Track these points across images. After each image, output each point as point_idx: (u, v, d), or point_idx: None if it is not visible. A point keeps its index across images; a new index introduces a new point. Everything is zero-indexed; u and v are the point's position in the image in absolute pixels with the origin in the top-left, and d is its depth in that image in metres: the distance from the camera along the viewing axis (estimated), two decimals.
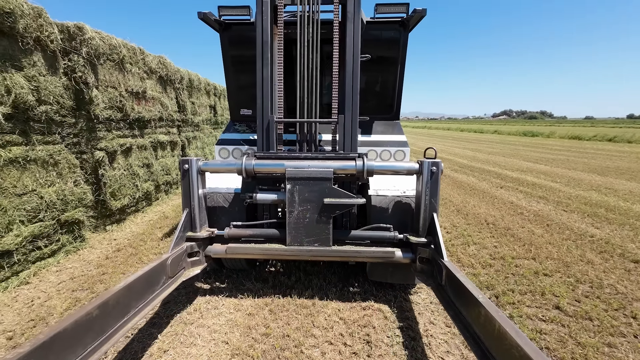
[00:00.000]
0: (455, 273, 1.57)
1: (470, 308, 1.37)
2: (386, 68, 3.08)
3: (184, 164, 2.16)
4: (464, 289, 1.41)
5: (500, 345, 1.09)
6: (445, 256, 1.77)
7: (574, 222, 4.14)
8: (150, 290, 1.68)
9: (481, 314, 1.25)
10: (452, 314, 1.54)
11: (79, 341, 1.20)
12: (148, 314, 2.13)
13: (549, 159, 10.88)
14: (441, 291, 1.77)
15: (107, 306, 1.33)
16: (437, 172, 2.00)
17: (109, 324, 1.34)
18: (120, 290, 1.41)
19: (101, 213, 3.87)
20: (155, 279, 1.72)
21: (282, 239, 2.21)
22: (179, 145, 6.22)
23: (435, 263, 1.86)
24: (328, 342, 1.93)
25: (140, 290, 1.56)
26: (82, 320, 1.21)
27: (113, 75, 4.02)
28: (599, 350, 1.86)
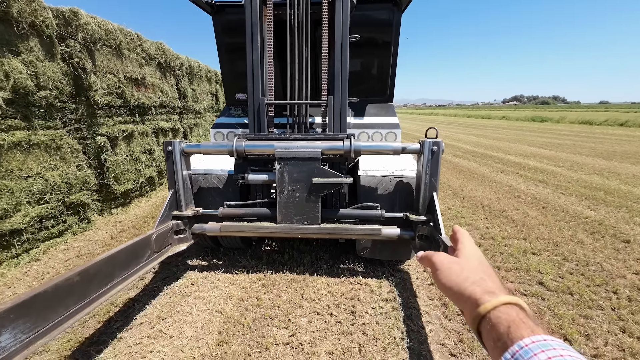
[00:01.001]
0: None
1: None
2: (379, 50, 3.06)
3: (167, 146, 2.24)
4: None
5: None
6: (443, 233, 1.83)
7: (570, 205, 4.15)
8: (135, 262, 1.80)
9: None
10: None
11: (60, 302, 1.32)
12: (133, 283, 2.28)
13: (555, 144, 10.67)
14: None
15: (88, 274, 1.44)
16: (437, 152, 2.03)
17: (91, 290, 1.46)
18: (102, 260, 1.52)
19: (106, 197, 4.02)
20: (141, 252, 1.83)
21: (273, 217, 2.30)
22: (181, 132, 6.30)
23: (434, 239, 1.93)
24: (315, 312, 2.05)
25: (124, 261, 1.68)
26: (63, 284, 1.33)
27: (111, 61, 4.06)
28: (574, 321, 1.93)
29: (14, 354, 1.18)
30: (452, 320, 1.97)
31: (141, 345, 1.76)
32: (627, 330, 1.83)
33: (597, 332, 1.83)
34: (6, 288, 2.37)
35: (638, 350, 1.69)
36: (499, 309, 0.39)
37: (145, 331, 1.88)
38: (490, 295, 0.41)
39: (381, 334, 1.84)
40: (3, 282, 2.43)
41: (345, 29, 2.28)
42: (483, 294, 0.42)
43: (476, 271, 0.47)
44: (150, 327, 1.91)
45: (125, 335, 1.85)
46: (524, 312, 0.39)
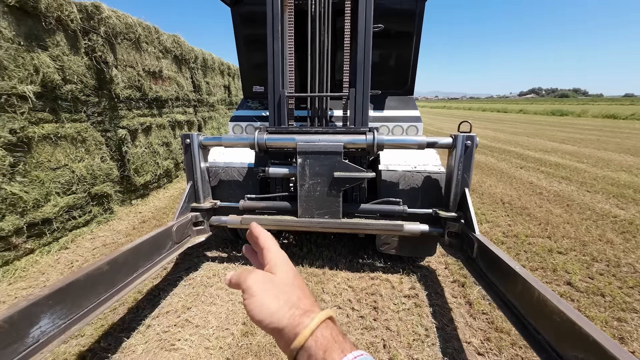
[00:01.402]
0: (488, 246, 1.58)
1: (505, 278, 1.40)
2: (400, 40, 2.96)
3: (186, 139, 2.26)
4: (499, 261, 1.44)
5: (540, 311, 1.12)
6: (477, 230, 1.78)
7: (597, 203, 3.97)
8: (158, 252, 1.85)
9: (518, 283, 1.27)
10: (484, 284, 1.58)
11: (92, 290, 1.38)
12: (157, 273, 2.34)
13: (577, 139, 10.23)
14: (472, 264, 1.80)
15: (116, 263, 1.49)
16: (471, 147, 1.96)
17: (119, 279, 1.52)
18: (129, 250, 1.57)
19: (126, 188, 4.13)
20: (162, 243, 1.88)
21: (293, 211, 2.30)
22: (196, 125, 6.37)
23: (466, 237, 1.88)
24: (337, 306, 2.05)
25: (147, 251, 1.73)
26: (93, 273, 1.38)
27: (130, 55, 4.11)
28: (607, 324, 1.86)
29: (53, 338, 1.23)
30: (478, 319, 1.93)
31: (169, 333, 1.81)
32: None
33: (633, 336, 1.76)
34: (40, 274, 2.47)
35: None
36: (315, 332, 0.36)
37: (172, 320, 1.93)
38: (307, 316, 0.37)
39: (405, 330, 1.83)
40: (37, 268, 2.55)
41: (369, 18, 2.21)
42: (301, 317, 0.37)
43: (292, 289, 0.41)
44: (177, 316, 1.96)
45: (153, 323, 1.91)
46: (334, 324, 0.38)
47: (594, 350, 0.87)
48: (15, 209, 2.49)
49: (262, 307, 0.38)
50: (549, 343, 1.06)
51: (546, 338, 1.08)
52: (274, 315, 0.38)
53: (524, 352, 1.66)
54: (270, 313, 0.38)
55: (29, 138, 2.62)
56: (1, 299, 2.16)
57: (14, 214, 2.48)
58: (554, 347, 1.04)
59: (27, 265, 2.56)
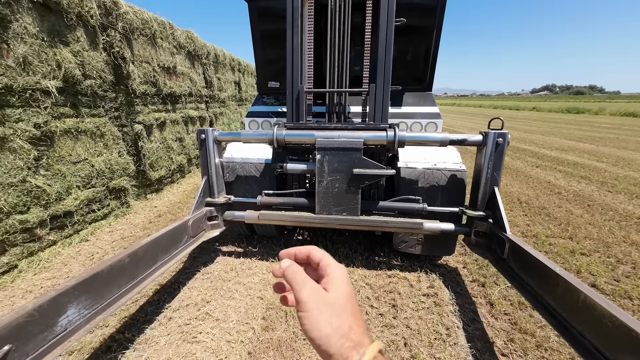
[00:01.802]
0: (523, 247, 1.54)
1: (543, 280, 1.36)
2: (420, 35, 2.90)
3: (201, 134, 2.27)
4: (536, 262, 1.40)
5: (586, 315, 1.09)
6: (509, 230, 1.74)
7: (620, 203, 3.85)
8: (174, 246, 1.87)
9: (559, 286, 1.23)
10: (517, 286, 1.54)
11: (114, 282, 1.41)
12: (175, 266, 2.38)
13: (595, 137, 9.92)
14: (502, 264, 1.76)
15: (136, 256, 1.52)
16: (503, 144, 1.91)
17: (139, 271, 1.55)
18: (148, 244, 1.59)
19: (142, 183, 4.19)
20: (179, 236, 1.91)
21: (311, 207, 2.29)
22: (207, 120, 6.41)
23: (495, 237, 1.84)
24: None
25: (165, 245, 1.75)
26: (116, 265, 1.41)
27: (146, 50, 4.15)
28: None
29: (79, 327, 1.26)
30: (500, 319, 1.90)
31: (191, 326, 1.84)
32: None
33: None
34: (63, 265, 2.54)
35: None
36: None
37: (192, 313, 1.96)
38: (357, 351, 0.37)
39: (425, 329, 1.81)
40: (60, 260, 2.61)
41: (391, 12, 2.16)
42: (351, 351, 0.37)
43: (345, 314, 0.40)
44: (197, 310, 1.99)
45: (174, 315, 1.94)
46: (383, 357, 0.38)
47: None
48: (39, 201, 2.55)
49: (315, 326, 0.38)
50: (597, 348, 1.02)
51: (594, 343, 1.04)
52: (324, 339, 0.37)
53: (549, 355, 1.62)
54: (321, 335, 0.37)
55: (51, 132, 2.68)
56: (28, 289, 2.22)
57: (38, 207, 2.54)
58: (602, 352, 1.00)
59: (51, 256, 2.63)
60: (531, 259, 1.43)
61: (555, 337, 1.73)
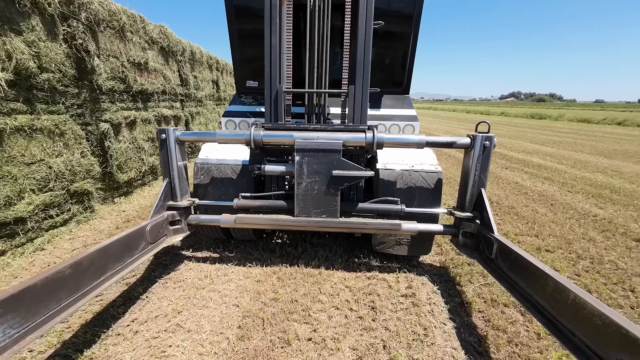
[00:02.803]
0: (511, 247, 1.57)
1: (532, 279, 1.39)
2: (398, 38, 2.95)
3: (161, 134, 2.16)
4: (524, 262, 1.43)
5: (577, 314, 1.11)
6: (496, 230, 1.77)
7: (578, 202, 4.15)
8: (129, 254, 1.76)
9: (548, 285, 1.26)
10: (507, 286, 1.57)
11: (51, 296, 1.27)
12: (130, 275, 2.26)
13: (556, 141, 10.71)
14: (490, 264, 1.79)
15: (80, 266, 1.39)
16: (489, 147, 1.96)
17: (83, 283, 1.42)
18: (95, 253, 1.47)
19: (109, 185, 3.91)
20: (135, 243, 1.79)
21: (290, 210, 2.24)
22: (183, 120, 6.15)
23: (483, 237, 1.87)
24: (334, 307, 2.01)
25: (117, 253, 1.64)
26: (53, 277, 1.27)
27: (114, 44, 3.89)
28: None
29: (3, 350, 1.12)
30: (474, 317, 1.95)
31: (159, 339, 1.71)
32: None
33: None
34: (12, 278, 2.28)
35: None
36: None
37: (162, 325, 1.83)
38: None
39: (404, 330, 1.81)
40: (9, 271, 2.35)
41: (369, 14, 2.17)
42: None
43: None
44: (167, 321, 1.86)
45: (141, 328, 1.79)
46: None
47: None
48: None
49: None
50: (588, 345, 1.05)
51: (584, 340, 1.07)
52: None
53: (520, 350, 1.68)
54: None
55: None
56: None
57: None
58: (593, 349, 1.03)
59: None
60: (520, 259, 1.47)
61: (524, 332, 1.81)
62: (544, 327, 1.25)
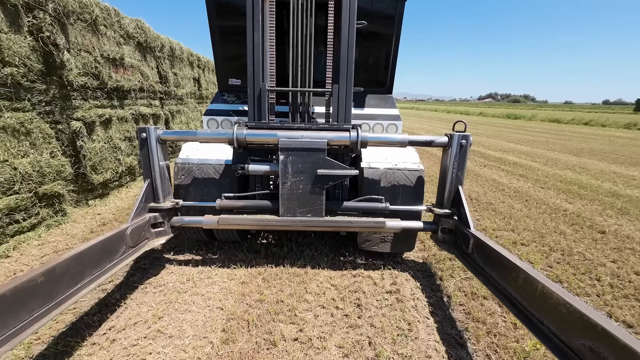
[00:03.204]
0: (486, 242, 1.63)
1: (505, 272, 1.44)
2: (380, 38, 2.99)
3: (142, 133, 2.08)
4: (498, 256, 1.48)
5: (544, 303, 1.15)
6: (472, 226, 1.83)
7: (550, 198, 4.39)
8: (108, 259, 1.68)
9: (519, 277, 1.31)
10: (482, 279, 1.62)
11: (22, 306, 1.19)
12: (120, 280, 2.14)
13: (530, 140, 11.27)
14: (467, 259, 1.85)
15: (54, 274, 1.32)
16: (466, 146, 2.02)
17: (58, 291, 1.34)
18: (70, 258, 1.40)
19: (82, 187, 3.70)
20: (114, 247, 1.72)
21: (274, 210, 2.21)
22: (162, 118, 5.93)
23: (460, 233, 1.93)
24: (321, 306, 2.02)
25: (95, 259, 1.56)
26: (24, 286, 1.19)
27: (86, 38, 3.68)
28: None
29: None
30: (455, 310, 2.02)
31: (138, 347, 1.64)
32: (614, 315, 1.97)
33: None
34: None
35: None
36: None
37: (141, 331, 1.75)
38: None
39: (389, 326, 1.84)
40: None
41: (352, 13, 2.18)
42: None
43: None
44: (147, 327, 1.79)
45: (119, 336, 1.71)
46: None
47: (604, 338, 0.92)
48: None
49: None
50: (554, 332, 1.11)
51: (551, 328, 1.13)
52: None
53: (498, 340, 1.76)
54: None
55: None
56: None
57: None
58: (559, 336, 1.09)
59: None
60: (494, 252, 1.53)
61: (502, 322, 1.89)
62: (516, 317, 1.32)
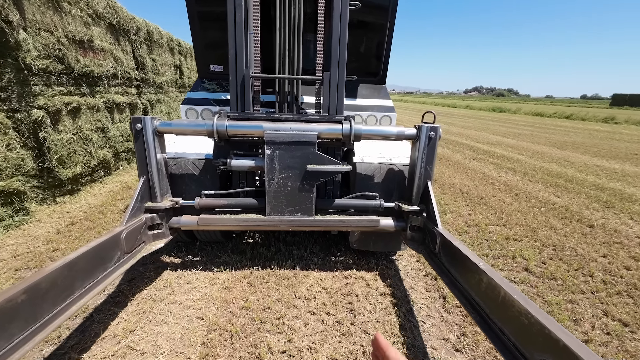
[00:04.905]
0: (451, 241, 1.51)
1: (469, 275, 1.33)
2: (373, 24, 2.79)
3: (136, 124, 1.83)
4: (463, 257, 1.37)
5: (506, 312, 1.05)
6: (440, 224, 1.72)
7: (539, 192, 4.41)
8: (102, 267, 1.46)
9: (482, 281, 1.20)
10: (447, 281, 1.51)
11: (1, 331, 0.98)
12: (104, 291, 1.93)
13: (516, 133, 11.46)
14: (434, 258, 1.74)
15: (38, 290, 1.10)
16: (435, 138, 1.89)
17: (44, 309, 1.13)
18: (58, 270, 1.18)
19: (48, 183, 3.37)
20: (107, 255, 1.49)
21: (261, 208, 2.04)
22: (140, 108, 5.54)
23: (428, 231, 1.82)
24: (311, 312, 1.88)
25: (87, 268, 1.34)
26: (2, 308, 0.98)
27: (46, 16, 3.28)
28: (562, 307, 2.00)
29: None
30: (452, 312, 1.93)
31: None
32: (609, 314, 1.94)
33: (584, 317, 1.91)
34: None
35: (621, 332, 1.79)
36: None
37: (109, 349, 1.56)
38: None
39: (384, 332, 1.73)
40: None
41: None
42: None
43: None
44: (116, 343, 1.60)
45: (83, 356, 1.52)
46: None
47: (564, 354, 0.82)
48: None
49: None
50: (515, 344, 1.01)
51: (512, 339, 1.03)
52: None
53: None
54: None
55: None
56: None
57: None
58: (519, 349, 0.99)
59: None
60: (459, 253, 1.43)
61: None
62: (478, 325, 1.21)
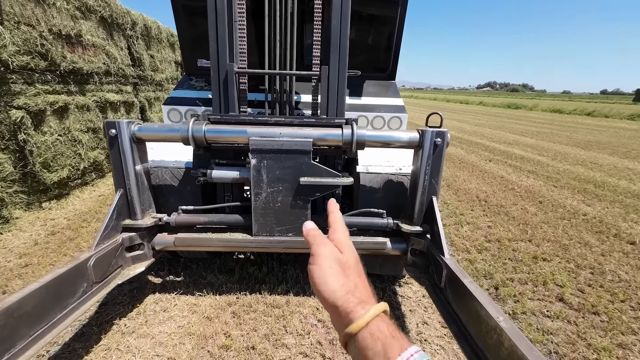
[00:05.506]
0: (462, 278, 1.19)
1: (483, 329, 1.02)
2: (382, 12, 2.43)
3: (110, 129, 1.54)
4: (476, 304, 1.05)
5: None
6: (447, 252, 1.38)
7: (566, 199, 3.97)
8: (60, 306, 1.18)
9: (503, 346, 0.89)
10: (455, 330, 1.20)
11: None
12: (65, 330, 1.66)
13: (534, 131, 10.82)
14: (438, 293, 1.42)
15: None
16: (441, 145, 1.54)
17: None
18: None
19: (32, 188, 3.17)
20: (68, 289, 1.21)
21: (247, 226, 1.74)
22: (137, 107, 5.33)
23: (433, 259, 1.49)
24: (302, 353, 1.58)
25: (35, 313, 1.06)
26: None
27: (27, 8, 3.05)
28: (612, 353, 1.63)
29: None
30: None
31: None
32: None
33: None
34: None
35: None
36: (370, 325, 0.35)
37: None
38: (361, 307, 0.37)
39: None
40: None
41: None
42: (355, 306, 0.37)
43: (353, 274, 0.41)
44: None
45: None
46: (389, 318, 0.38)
47: None
48: None
49: (323, 280, 0.40)
50: None
51: None
52: (331, 293, 0.39)
53: None
54: (328, 289, 0.39)
55: None
56: None
57: None
58: None
59: None
60: (470, 296, 1.10)
61: None
62: None
